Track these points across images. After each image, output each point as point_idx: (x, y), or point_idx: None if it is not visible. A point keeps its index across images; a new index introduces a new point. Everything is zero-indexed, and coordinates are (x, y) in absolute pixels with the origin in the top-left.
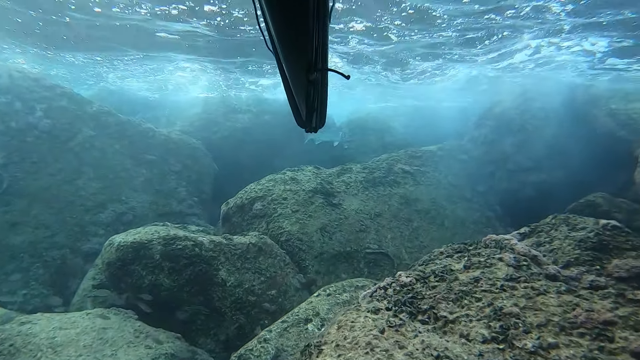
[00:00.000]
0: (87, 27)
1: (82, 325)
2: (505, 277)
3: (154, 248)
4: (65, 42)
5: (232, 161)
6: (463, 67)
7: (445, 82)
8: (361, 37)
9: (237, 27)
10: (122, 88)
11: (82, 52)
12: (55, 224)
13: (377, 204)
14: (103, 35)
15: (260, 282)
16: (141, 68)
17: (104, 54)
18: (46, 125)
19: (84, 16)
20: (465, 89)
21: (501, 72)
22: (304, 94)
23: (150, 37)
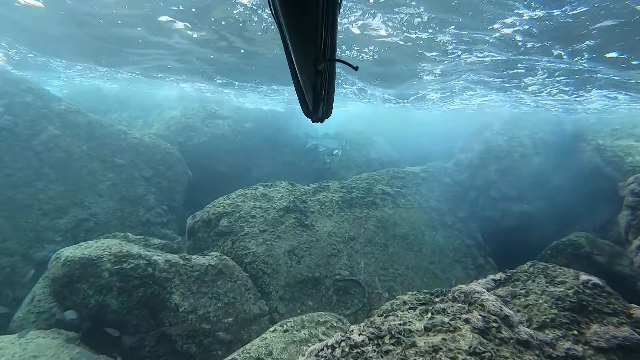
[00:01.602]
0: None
1: (9, 353)
2: (469, 349)
3: (103, 265)
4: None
5: (208, 169)
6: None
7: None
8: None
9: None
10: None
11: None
12: (8, 229)
13: (352, 227)
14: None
15: (217, 309)
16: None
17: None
18: (6, 122)
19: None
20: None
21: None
22: (312, 84)
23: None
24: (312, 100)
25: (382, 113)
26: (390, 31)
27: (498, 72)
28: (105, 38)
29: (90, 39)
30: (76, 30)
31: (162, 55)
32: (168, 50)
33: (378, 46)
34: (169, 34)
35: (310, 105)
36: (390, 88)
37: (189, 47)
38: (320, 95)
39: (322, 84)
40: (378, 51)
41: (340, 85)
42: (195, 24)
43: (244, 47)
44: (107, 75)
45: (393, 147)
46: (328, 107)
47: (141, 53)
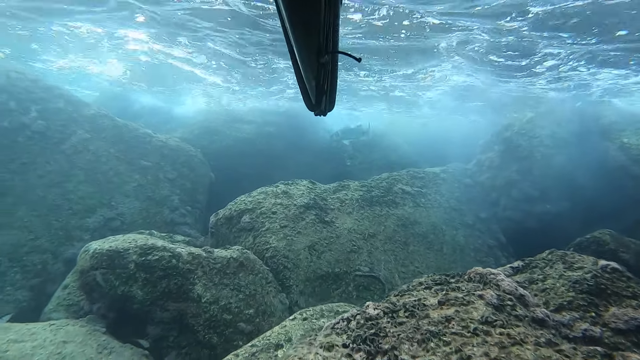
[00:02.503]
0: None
1: (40, 338)
2: (481, 319)
3: (129, 257)
4: None
5: (231, 171)
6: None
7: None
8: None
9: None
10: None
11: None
12: (39, 228)
13: (372, 224)
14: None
15: (238, 300)
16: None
17: None
18: (40, 126)
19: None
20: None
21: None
22: (314, 77)
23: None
24: (315, 94)
25: (404, 116)
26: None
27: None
28: None
29: None
30: None
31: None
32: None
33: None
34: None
35: (312, 98)
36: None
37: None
38: (323, 88)
39: (325, 76)
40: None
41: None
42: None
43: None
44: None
45: (414, 149)
46: (331, 100)
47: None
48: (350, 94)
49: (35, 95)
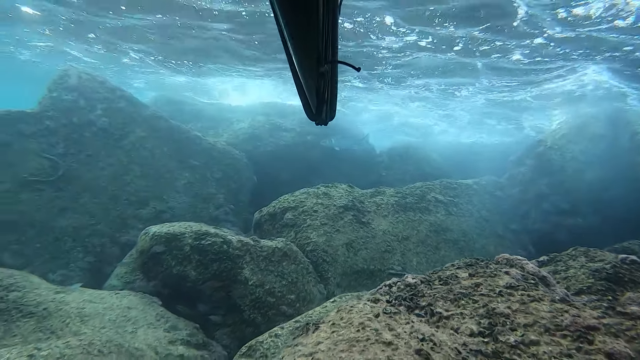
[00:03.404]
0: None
1: (109, 302)
2: (506, 285)
3: (185, 240)
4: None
5: (271, 175)
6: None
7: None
8: None
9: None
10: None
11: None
12: (100, 214)
13: (405, 228)
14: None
15: (281, 286)
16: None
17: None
18: (103, 123)
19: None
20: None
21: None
22: (315, 87)
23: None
24: (316, 103)
25: (438, 129)
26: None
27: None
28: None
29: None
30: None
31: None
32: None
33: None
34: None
35: (313, 107)
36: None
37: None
38: (324, 97)
39: (325, 86)
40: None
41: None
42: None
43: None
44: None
45: (447, 162)
46: (331, 109)
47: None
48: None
49: (101, 95)
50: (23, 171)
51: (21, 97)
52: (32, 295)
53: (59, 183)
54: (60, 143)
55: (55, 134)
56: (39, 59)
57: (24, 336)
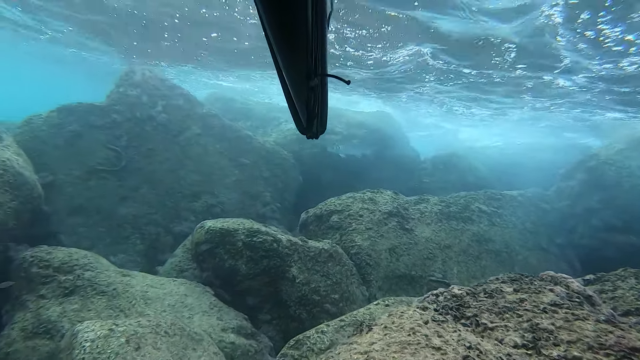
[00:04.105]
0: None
1: (168, 288)
2: (550, 302)
3: (238, 236)
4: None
5: (315, 176)
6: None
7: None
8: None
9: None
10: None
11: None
12: (156, 204)
13: (448, 236)
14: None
15: (326, 285)
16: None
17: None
18: (163, 119)
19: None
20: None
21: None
22: (305, 101)
23: None
24: (306, 117)
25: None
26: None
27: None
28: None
29: None
30: None
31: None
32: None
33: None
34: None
35: (304, 121)
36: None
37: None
38: (314, 111)
39: (315, 99)
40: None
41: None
42: None
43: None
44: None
45: (491, 172)
46: (322, 123)
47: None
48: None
49: (161, 92)
50: (91, 160)
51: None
52: (103, 276)
53: (121, 173)
54: (124, 136)
55: (120, 127)
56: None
57: (98, 312)
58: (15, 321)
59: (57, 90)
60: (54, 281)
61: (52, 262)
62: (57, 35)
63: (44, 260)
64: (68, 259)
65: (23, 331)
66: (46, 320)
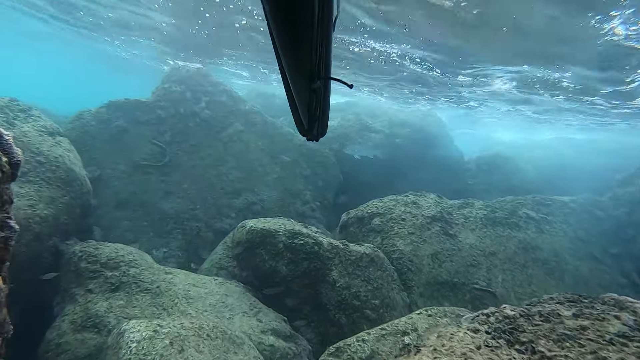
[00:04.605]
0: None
1: (209, 287)
2: (617, 332)
3: (279, 238)
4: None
5: (356, 176)
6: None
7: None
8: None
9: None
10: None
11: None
12: (198, 200)
13: (493, 243)
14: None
15: (367, 290)
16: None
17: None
18: (206, 115)
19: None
20: None
21: None
22: (307, 103)
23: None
24: (307, 119)
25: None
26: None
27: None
28: None
29: None
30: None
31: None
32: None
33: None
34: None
35: (305, 123)
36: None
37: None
38: (315, 113)
39: (317, 102)
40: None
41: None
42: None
43: None
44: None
45: (540, 175)
46: (323, 126)
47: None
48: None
49: (204, 88)
50: (136, 155)
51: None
52: (147, 274)
53: (165, 169)
54: (168, 132)
55: (165, 123)
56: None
57: (142, 309)
58: (66, 313)
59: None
60: (101, 276)
61: (100, 258)
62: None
63: (92, 256)
64: (114, 255)
65: (72, 324)
66: (94, 315)
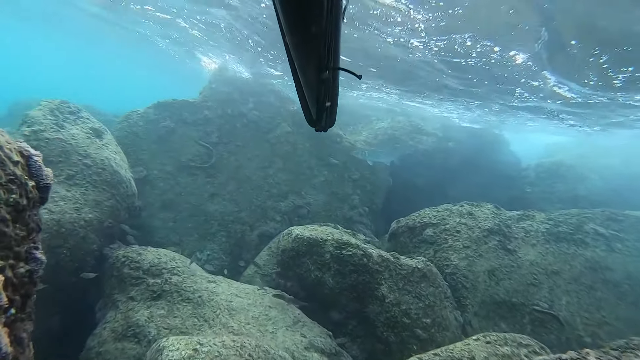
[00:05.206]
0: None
1: (252, 298)
2: None
3: (326, 248)
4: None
5: (407, 180)
6: None
7: None
8: None
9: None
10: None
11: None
12: (243, 202)
13: (556, 261)
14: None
15: (418, 308)
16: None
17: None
18: (254, 116)
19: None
20: None
21: None
22: (315, 93)
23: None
24: (316, 110)
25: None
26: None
27: None
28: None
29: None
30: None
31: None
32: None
33: None
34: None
35: (313, 114)
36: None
37: None
38: (324, 104)
39: (326, 93)
40: None
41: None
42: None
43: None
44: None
45: (608, 186)
46: (331, 116)
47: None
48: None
49: (252, 89)
50: (182, 156)
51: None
52: (189, 282)
53: (210, 170)
54: (215, 132)
55: (212, 124)
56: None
57: (183, 319)
58: (108, 320)
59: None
60: (143, 284)
61: (142, 264)
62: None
63: (134, 262)
64: (157, 261)
65: (113, 332)
66: (134, 324)
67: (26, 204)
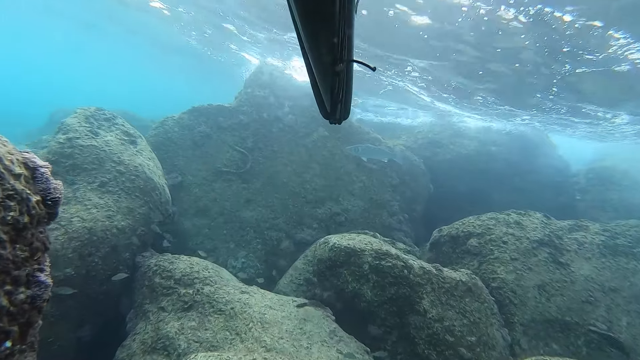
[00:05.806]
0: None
1: (287, 311)
2: None
3: (364, 258)
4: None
5: (448, 186)
6: None
7: None
8: None
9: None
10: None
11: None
12: (279, 209)
13: (614, 277)
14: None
15: (462, 325)
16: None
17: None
18: (290, 120)
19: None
20: None
21: None
22: (330, 86)
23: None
24: (330, 102)
25: None
26: None
27: None
28: None
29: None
30: None
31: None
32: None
33: None
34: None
35: (328, 106)
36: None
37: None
38: (338, 96)
39: (340, 85)
40: None
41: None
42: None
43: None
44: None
45: None
46: (346, 109)
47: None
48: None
49: (288, 92)
50: (218, 161)
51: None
52: (222, 292)
53: (246, 175)
54: (250, 137)
55: (247, 128)
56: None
57: (214, 332)
58: (137, 332)
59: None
60: (175, 294)
61: (174, 274)
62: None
63: (166, 271)
64: (189, 270)
65: (143, 344)
66: (164, 336)
67: (28, 221)
